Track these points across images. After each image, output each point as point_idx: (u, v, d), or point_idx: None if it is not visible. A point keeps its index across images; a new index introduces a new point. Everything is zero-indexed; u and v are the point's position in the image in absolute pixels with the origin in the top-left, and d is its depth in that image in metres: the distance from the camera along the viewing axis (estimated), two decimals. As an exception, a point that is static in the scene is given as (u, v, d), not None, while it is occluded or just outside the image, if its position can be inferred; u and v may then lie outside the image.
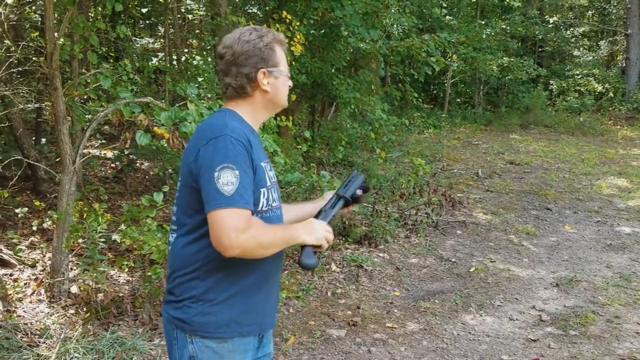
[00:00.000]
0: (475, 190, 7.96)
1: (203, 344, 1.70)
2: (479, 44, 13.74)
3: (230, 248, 1.56)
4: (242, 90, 1.76)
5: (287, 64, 1.85)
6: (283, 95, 1.83)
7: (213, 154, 1.61)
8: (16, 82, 5.19)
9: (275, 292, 1.89)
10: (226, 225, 1.55)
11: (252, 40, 1.74)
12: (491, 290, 4.62)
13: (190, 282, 1.70)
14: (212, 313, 1.69)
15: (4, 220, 5.05)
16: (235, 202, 1.57)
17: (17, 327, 3.47)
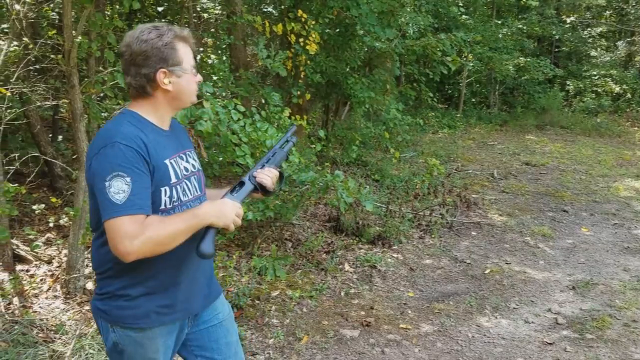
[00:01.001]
0: (491, 191, 7.89)
1: (124, 333, 1.78)
2: (495, 43, 13.62)
3: (127, 254, 1.58)
4: (142, 90, 1.76)
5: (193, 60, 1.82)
6: (188, 92, 1.82)
7: (103, 163, 1.62)
8: (33, 79, 5.24)
9: (200, 276, 1.91)
10: (119, 233, 1.58)
11: (151, 40, 1.71)
12: (506, 292, 4.58)
13: (107, 279, 1.78)
14: (129, 307, 1.75)
15: (20, 216, 5.10)
16: (126, 209, 1.58)
17: (33, 323, 3.50)
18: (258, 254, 4.84)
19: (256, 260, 4.56)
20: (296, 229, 5.71)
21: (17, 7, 4.14)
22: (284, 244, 5.30)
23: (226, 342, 2.03)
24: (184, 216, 1.70)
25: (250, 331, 3.75)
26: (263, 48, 5.54)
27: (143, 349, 1.80)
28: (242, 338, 3.61)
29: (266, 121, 4.50)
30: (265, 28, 6.05)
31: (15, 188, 3.64)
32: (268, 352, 3.53)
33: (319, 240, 5.39)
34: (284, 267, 4.67)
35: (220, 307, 2.04)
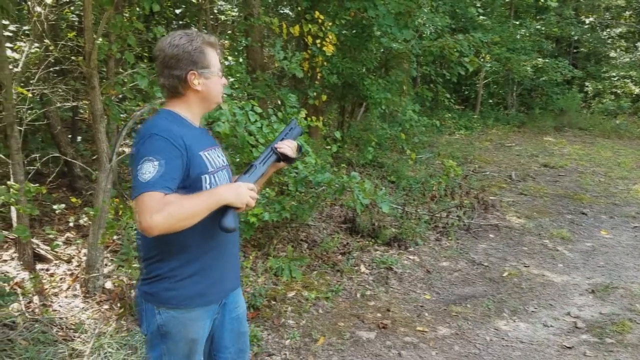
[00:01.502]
0: (509, 193, 7.82)
1: (169, 314, 1.92)
2: (512, 44, 13.51)
3: (149, 228, 1.69)
4: (175, 90, 1.94)
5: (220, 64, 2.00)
6: (216, 93, 2.00)
7: (140, 151, 1.79)
8: (54, 81, 5.31)
9: (232, 260, 2.11)
10: (141, 209, 1.70)
11: (182, 44, 1.89)
12: (525, 295, 4.53)
13: (155, 263, 1.92)
14: (175, 288, 1.91)
15: (41, 216, 5.17)
16: (149, 187, 1.71)
17: (53, 322, 3.55)
18: (274, 255, 4.85)
19: (272, 260, 4.57)
20: (312, 230, 5.71)
21: (39, 10, 4.21)
22: (300, 245, 5.31)
23: (238, 333, 2.20)
24: (203, 195, 1.84)
25: (266, 332, 3.76)
26: (280, 50, 5.56)
27: (186, 329, 1.94)
28: (259, 339, 3.61)
29: (283, 122, 4.50)
30: (282, 30, 6.07)
31: (36, 188, 3.69)
32: (284, 352, 3.54)
33: (334, 241, 5.38)
34: (300, 268, 4.67)
35: (240, 300, 2.21)
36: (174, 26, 9.68)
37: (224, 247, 2.02)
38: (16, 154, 3.98)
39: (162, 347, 1.97)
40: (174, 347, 1.96)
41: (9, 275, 4.08)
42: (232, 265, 2.12)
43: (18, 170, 3.99)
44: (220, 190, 1.86)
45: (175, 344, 1.96)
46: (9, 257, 4.47)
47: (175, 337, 1.95)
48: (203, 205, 1.79)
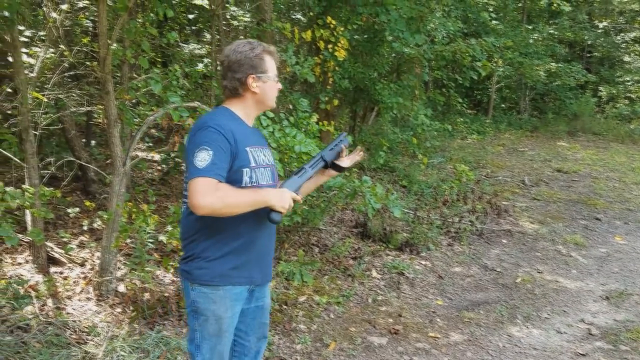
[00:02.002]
0: (521, 198, 7.77)
1: (200, 291, 2.14)
2: (525, 48, 13.44)
3: (199, 207, 1.92)
4: (235, 92, 2.17)
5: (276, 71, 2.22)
6: (271, 96, 2.23)
7: (196, 140, 2.02)
8: (68, 85, 5.36)
9: (265, 255, 2.29)
10: (196, 189, 1.92)
11: (245, 51, 2.14)
12: (538, 301, 4.50)
13: (192, 243, 2.15)
14: (207, 267, 2.12)
15: (55, 219, 5.22)
16: (204, 172, 1.94)
17: (66, 324, 3.57)
18: (285, 259, 4.85)
19: (283, 265, 4.57)
20: (323, 234, 5.71)
21: (54, 15, 4.26)
22: (311, 249, 5.31)
23: (260, 322, 2.41)
24: (252, 192, 2.07)
25: (277, 336, 3.76)
26: (292, 54, 5.58)
27: (215, 305, 2.15)
28: (270, 343, 3.61)
29: (294, 127, 4.51)
30: (294, 35, 6.08)
31: (50, 192, 3.72)
32: (295, 357, 3.53)
33: (346, 245, 5.37)
34: (311, 272, 4.67)
35: (267, 293, 2.42)
36: (187, 32, 9.76)
37: (256, 237, 2.19)
38: (31, 158, 4.02)
39: (195, 322, 2.19)
40: (205, 323, 2.17)
41: (24, 278, 4.12)
42: (263, 256, 2.27)
43: (33, 174, 4.03)
44: (267, 192, 2.08)
45: (205, 320, 2.17)
46: (23, 260, 4.51)
47: (205, 313, 2.16)
48: (249, 201, 2.03)
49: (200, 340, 2.20)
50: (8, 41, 3.88)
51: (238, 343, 2.39)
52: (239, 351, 2.41)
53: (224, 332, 2.20)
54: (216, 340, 2.20)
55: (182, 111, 3.57)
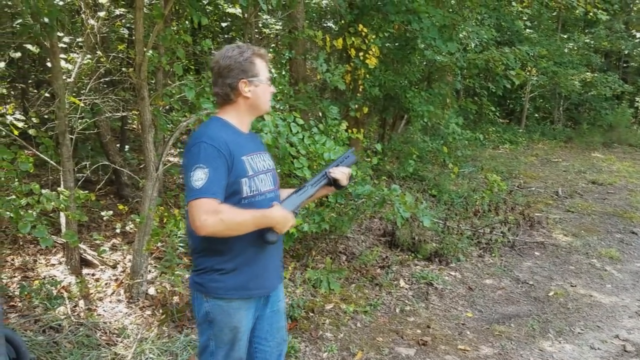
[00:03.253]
0: (555, 210, 7.60)
1: (215, 303, 2.14)
2: (560, 58, 13.20)
3: (201, 228, 1.92)
4: (227, 98, 2.14)
5: (268, 74, 2.19)
6: (264, 100, 2.20)
7: (190, 158, 2.00)
8: (104, 91, 5.48)
9: (275, 262, 2.28)
10: (196, 211, 1.92)
11: (234, 56, 2.11)
12: (571, 316, 4.38)
13: (203, 257, 2.14)
14: (222, 281, 2.11)
15: (89, 222, 5.33)
16: (202, 193, 1.93)
17: (97, 326, 3.63)
18: (312, 266, 4.84)
19: (310, 272, 4.56)
20: (351, 242, 5.68)
21: (92, 22, 4.37)
22: (338, 257, 5.28)
23: (277, 327, 2.40)
24: (255, 213, 2.05)
25: (304, 344, 3.74)
26: (323, 62, 5.60)
27: (229, 317, 2.15)
28: (296, 350, 3.60)
29: (324, 134, 4.52)
30: (325, 42, 6.11)
31: (85, 195, 3.81)
32: (322, 366, 3.51)
33: (373, 254, 5.34)
34: (338, 280, 4.65)
35: (281, 295, 2.41)
36: (220, 39, 9.90)
37: (265, 248, 2.17)
38: (67, 162, 4.12)
39: (209, 332, 2.19)
40: (219, 333, 2.17)
41: (57, 279, 4.21)
42: (274, 263, 2.28)
43: (68, 177, 4.13)
44: (271, 213, 2.08)
45: (220, 330, 2.16)
46: (57, 262, 4.62)
47: (220, 324, 2.16)
48: (251, 221, 2.03)
49: (215, 347, 2.20)
50: (47, 47, 3.99)
51: (259, 349, 2.38)
52: (260, 357, 2.40)
53: (238, 340, 2.21)
54: (230, 347, 2.21)
55: (214, 117, 3.60)
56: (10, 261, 4.57)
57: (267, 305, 2.32)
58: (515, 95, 15.52)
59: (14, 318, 3.59)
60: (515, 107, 16.25)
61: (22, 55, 6.32)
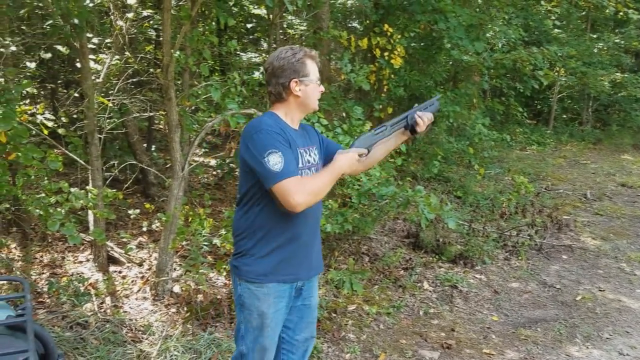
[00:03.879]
0: (583, 212, 7.45)
1: (246, 287, 2.26)
2: (589, 58, 12.92)
3: (297, 205, 2.06)
4: (279, 96, 2.26)
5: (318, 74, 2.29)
6: (313, 98, 2.30)
7: (258, 146, 2.10)
8: (132, 91, 5.56)
9: (310, 249, 2.34)
10: (287, 192, 2.05)
11: (287, 57, 2.23)
12: (599, 321, 4.29)
13: (241, 241, 2.26)
14: (253, 264, 2.23)
15: (116, 220, 5.40)
16: (285, 174, 2.05)
17: (123, 322, 3.68)
18: (335, 267, 4.83)
19: (333, 272, 4.56)
20: (374, 243, 5.66)
21: (120, 23, 4.44)
22: (361, 258, 5.27)
23: (308, 321, 2.47)
24: (327, 171, 2.21)
25: (326, 344, 3.74)
26: (347, 62, 5.58)
27: (259, 301, 2.25)
28: (319, 350, 3.60)
29: (348, 134, 4.50)
30: (350, 43, 6.09)
31: (113, 193, 3.87)
32: (345, 367, 3.51)
33: (397, 256, 5.30)
34: (361, 281, 4.64)
35: (315, 291, 2.48)
36: (245, 40, 9.96)
37: (300, 232, 2.27)
38: (96, 161, 4.19)
39: (240, 315, 2.33)
40: (249, 317, 2.29)
41: (84, 276, 4.29)
42: (309, 251, 2.34)
43: (97, 176, 4.20)
44: (339, 165, 2.21)
45: (250, 314, 2.28)
46: (84, 259, 4.70)
47: (249, 308, 2.27)
48: (329, 180, 2.18)
49: (245, 331, 2.32)
50: (77, 48, 4.07)
51: (286, 341, 2.46)
52: (287, 349, 2.48)
53: (266, 327, 2.29)
54: (259, 332, 2.29)
55: (240, 118, 3.63)
56: (39, 258, 4.67)
57: (299, 297, 2.38)
58: (543, 96, 15.26)
59: (42, 314, 3.67)
60: (543, 108, 15.98)
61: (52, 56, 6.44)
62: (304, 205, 2.08)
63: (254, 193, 2.21)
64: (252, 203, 2.22)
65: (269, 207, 2.18)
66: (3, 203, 4.32)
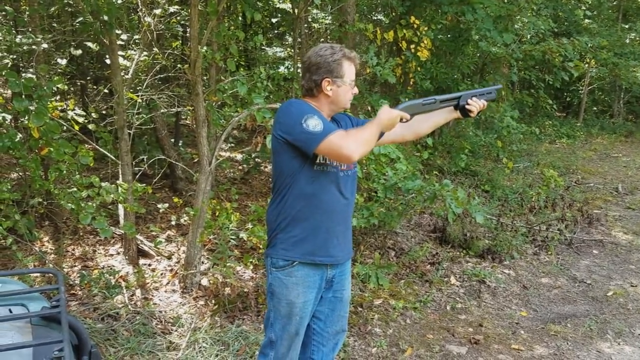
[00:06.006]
0: (615, 207, 7.29)
1: (276, 275, 2.30)
2: (621, 49, 12.60)
3: (352, 154, 2.06)
4: (310, 91, 2.29)
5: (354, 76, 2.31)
6: (343, 100, 2.31)
7: (292, 114, 2.15)
8: (160, 87, 5.63)
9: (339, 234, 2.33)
10: (335, 145, 2.06)
11: (325, 55, 2.24)
12: (631, 317, 4.19)
13: (274, 230, 2.30)
14: (282, 251, 2.26)
15: (145, 214, 5.49)
16: (327, 132, 2.09)
17: (153, 315, 3.75)
18: (361, 261, 4.83)
19: (359, 267, 4.55)
20: (400, 237, 5.63)
21: (149, 20, 4.49)
22: (387, 253, 5.25)
23: (339, 315, 2.49)
24: (370, 123, 2.22)
25: (352, 338, 3.74)
26: (373, 55, 5.55)
27: (287, 290, 2.28)
28: (345, 344, 3.61)
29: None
30: (376, 35, 6.05)
31: (142, 188, 3.92)
32: (371, 361, 3.50)
33: (423, 250, 5.27)
34: (387, 275, 4.62)
35: (347, 284, 2.49)
36: (270, 35, 9.98)
37: (332, 217, 2.28)
38: (125, 156, 4.26)
39: (270, 303, 2.36)
40: (278, 305, 2.33)
41: (115, 269, 4.37)
42: (338, 235, 2.33)
43: (127, 171, 4.27)
44: (379, 117, 2.22)
45: (279, 302, 2.32)
46: (115, 252, 4.79)
47: (278, 296, 2.31)
48: (373, 132, 2.17)
49: (274, 319, 2.36)
50: (106, 44, 4.13)
51: (316, 333, 2.48)
52: (317, 341, 2.50)
53: (294, 316, 2.32)
54: (287, 321, 2.33)
55: (265, 112, 3.65)
56: (71, 251, 4.77)
57: (330, 289, 2.41)
58: (573, 88, 14.96)
59: (74, 306, 3.75)
60: (573, 100, 15.67)
61: (82, 53, 6.56)
62: (358, 153, 2.08)
63: (284, 179, 2.23)
64: (283, 192, 2.24)
65: (299, 192, 2.21)
66: (36, 197, 4.43)
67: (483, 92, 2.48)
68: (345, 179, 2.32)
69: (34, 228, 4.36)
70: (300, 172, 2.20)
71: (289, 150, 2.18)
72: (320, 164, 2.23)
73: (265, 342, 2.43)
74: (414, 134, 2.64)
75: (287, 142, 2.17)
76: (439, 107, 2.41)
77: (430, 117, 2.54)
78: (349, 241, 2.44)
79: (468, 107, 2.44)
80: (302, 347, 2.49)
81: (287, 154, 2.19)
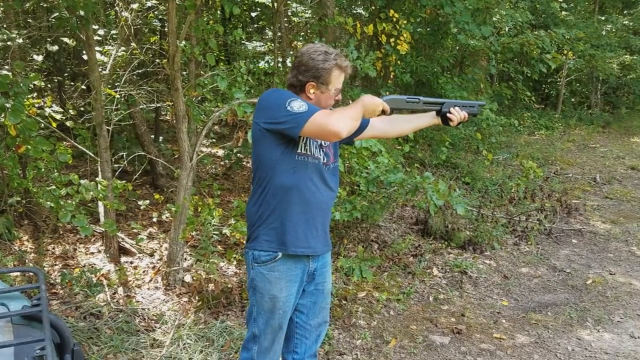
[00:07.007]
0: (593, 196, 7.42)
1: (258, 270, 2.28)
2: (597, 40, 12.80)
3: (340, 130, 2.04)
4: (293, 88, 2.28)
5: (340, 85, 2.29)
6: (324, 104, 2.27)
7: (276, 99, 2.15)
8: (138, 82, 5.56)
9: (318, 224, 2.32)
10: (322, 123, 2.04)
11: (317, 60, 2.22)
12: (610, 304, 4.28)
13: (252, 225, 2.30)
14: (262, 249, 2.24)
15: (125, 211, 5.43)
16: (312, 111, 2.08)
17: (136, 312, 3.72)
18: (344, 255, 4.85)
19: (343, 260, 4.57)
20: (382, 230, 5.67)
21: (126, 14, 4.43)
22: (370, 246, 5.28)
23: (321, 307, 2.50)
24: (355, 103, 2.20)
25: (337, 331, 3.76)
26: (353, 49, 5.55)
27: (270, 285, 2.27)
28: (330, 337, 3.63)
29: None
30: (356, 29, 6.06)
31: (122, 185, 3.88)
32: (355, 353, 3.53)
33: (406, 242, 5.31)
34: (371, 268, 4.65)
35: (328, 277, 2.50)
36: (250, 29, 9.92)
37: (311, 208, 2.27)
38: (104, 152, 4.21)
39: (253, 298, 2.35)
40: (260, 300, 2.31)
41: (96, 267, 4.32)
42: (318, 227, 2.33)
43: (106, 168, 4.22)
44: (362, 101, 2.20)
45: (261, 297, 2.31)
46: (96, 250, 4.74)
47: (261, 291, 2.30)
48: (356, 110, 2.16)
49: (257, 313, 2.35)
50: (83, 40, 4.07)
51: (299, 326, 2.49)
52: (300, 334, 2.51)
53: (277, 310, 2.32)
54: (270, 315, 2.33)
55: (246, 107, 3.63)
56: (52, 250, 4.71)
57: (312, 282, 2.41)
58: (551, 80, 15.16)
59: (56, 305, 3.71)
60: (551, 91, 15.88)
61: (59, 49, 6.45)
62: (346, 129, 2.06)
63: (265, 171, 2.22)
64: (263, 184, 2.23)
65: (279, 184, 2.19)
66: (14, 196, 4.36)
67: (466, 104, 2.53)
68: (327, 172, 2.32)
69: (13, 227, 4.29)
70: (280, 163, 2.18)
71: (270, 138, 2.17)
72: (301, 154, 2.22)
73: (248, 336, 2.43)
74: (396, 132, 2.67)
75: (270, 129, 2.15)
76: (422, 107, 2.44)
77: (414, 119, 2.58)
78: (327, 233, 2.44)
79: (449, 116, 2.47)
80: (285, 341, 2.50)
81: (269, 141, 2.17)
